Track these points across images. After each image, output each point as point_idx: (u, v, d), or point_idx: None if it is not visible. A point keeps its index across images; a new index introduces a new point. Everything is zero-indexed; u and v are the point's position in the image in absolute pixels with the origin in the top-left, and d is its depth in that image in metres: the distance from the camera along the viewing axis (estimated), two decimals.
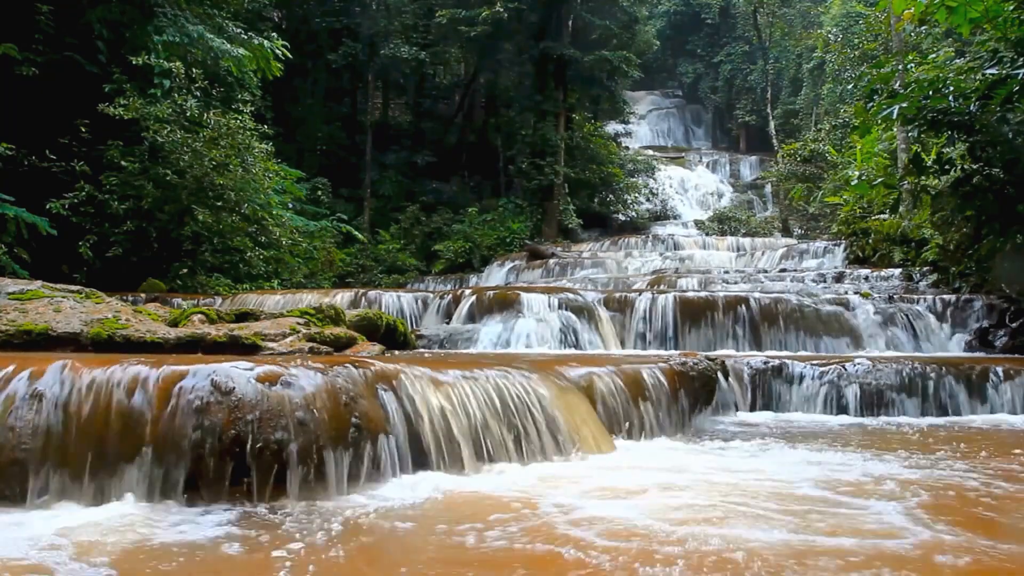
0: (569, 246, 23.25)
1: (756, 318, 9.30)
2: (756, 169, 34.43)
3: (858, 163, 16.49)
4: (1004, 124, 9.13)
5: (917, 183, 11.22)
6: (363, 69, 27.93)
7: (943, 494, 3.59)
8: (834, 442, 5.14)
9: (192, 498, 3.22)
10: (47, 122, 12.18)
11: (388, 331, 7.44)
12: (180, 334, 5.28)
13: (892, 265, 13.15)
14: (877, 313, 9.52)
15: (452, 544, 2.85)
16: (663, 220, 29.33)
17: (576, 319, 9.30)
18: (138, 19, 13.25)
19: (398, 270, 23.48)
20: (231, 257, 13.90)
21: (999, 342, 9.15)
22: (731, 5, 38.68)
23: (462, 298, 9.91)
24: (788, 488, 3.67)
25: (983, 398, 6.55)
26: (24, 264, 10.99)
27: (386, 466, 3.65)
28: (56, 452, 3.18)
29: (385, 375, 3.94)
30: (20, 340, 5.00)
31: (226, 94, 14.38)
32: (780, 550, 2.70)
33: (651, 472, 4.07)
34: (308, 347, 5.57)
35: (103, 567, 2.54)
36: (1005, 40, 8.84)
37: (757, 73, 35.85)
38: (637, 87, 37.96)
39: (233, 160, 13.33)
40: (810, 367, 6.78)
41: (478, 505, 3.36)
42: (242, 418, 3.27)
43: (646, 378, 5.45)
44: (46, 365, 3.38)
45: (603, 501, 3.41)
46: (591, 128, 27.98)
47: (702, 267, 17.08)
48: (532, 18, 26.30)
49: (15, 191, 11.09)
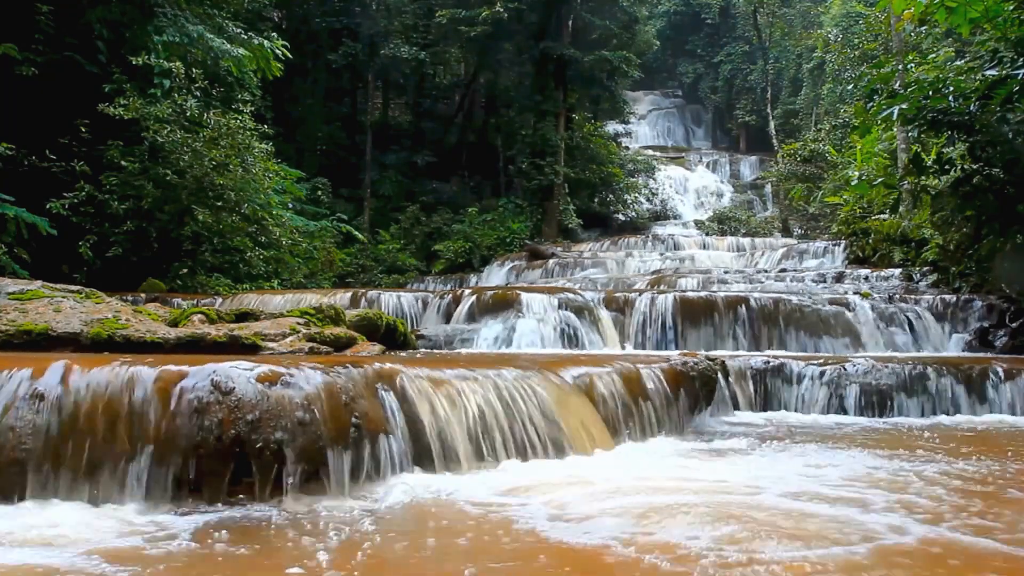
0: (569, 246, 23.25)
1: (756, 318, 9.29)
2: (756, 169, 34.42)
3: (858, 163, 16.50)
4: (1004, 124, 9.13)
5: (917, 183, 11.23)
6: (363, 69, 27.92)
7: (946, 495, 3.59)
8: (834, 442, 5.14)
9: (192, 498, 3.22)
10: (47, 122, 12.17)
11: (388, 331, 7.44)
12: (180, 334, 5.28)
13: (892, 265, 13.14)
14: (877, 313, 9.52)
15: (452, 544, 2.85)
16: (663, 220, 29.32)
17: (576, 319, 9.30)
18: (138, 19, 13.25)
19: (398, 270, 23.48)
20: (231, 257, 13.89)
21: (999, 342, 9.14)
22: (731, 5, 38.67)
23: (462, 298, 9.91)
24: (788, 496, 3.66)
25: (983, 398, 6.55)
26: (24, 264, 10.99)
27: (386, 466, 3.65)
28: (56, 452, 3.17)
29: (385, 375, 3.94)
30: (20, 340, 5.00)
31: (226, 94, 14.37)
32: (779, 559, 2.70)
33: (651, 472, 4.07)
34: (308, 347, 5.57)
35: (103, 567, 2.54)
36: (1005, 40, 8.84)
37: (757, 73, 35.84)
38: (637, 87, 37.95)
39: (233, 160, 13.32)
40: (810, 367, 6.78)
41: (477, 505, 3.36)
42: (242, 418, 3.27)
43: (646, 378, 5.45)
44: (46, 365, 3.38)
45: (602, 502, 3.40)
46: (591, 128, 27.97)
47: (702, 267, 17.07)
48: (532, 18, 26.29)
49: (15, 191, 11.09)
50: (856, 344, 9.15)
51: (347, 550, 2.76)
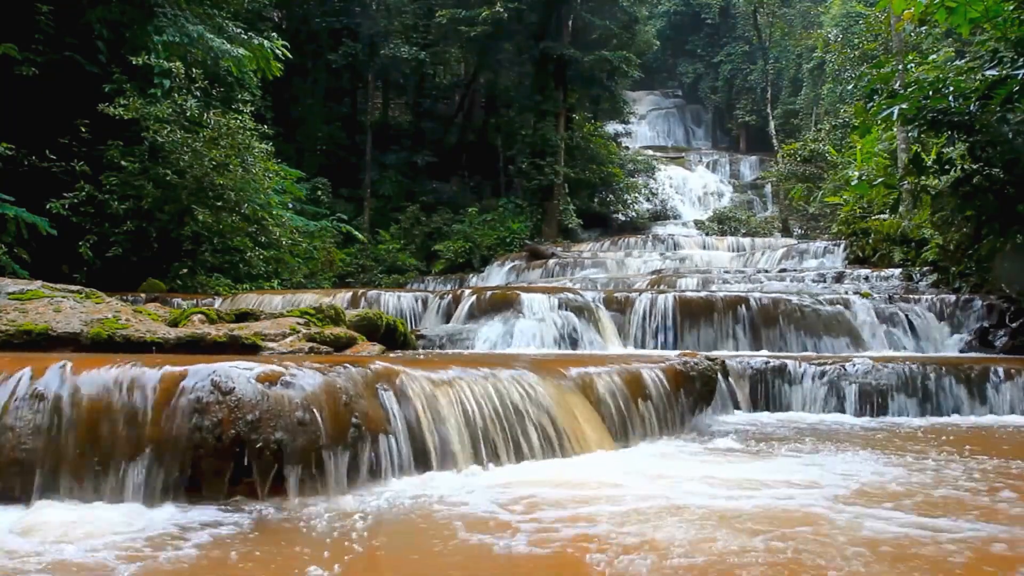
0: (569, 246, 23.25)
1: (756, 318, 9.29)
2: (756, 169, 34.42)
3: (858, 163, 16.49)
4: (1004, 124, 9.12)
5: (917, 183, 11.22)
6: (363, 69, 27.92)
7: (950, 495, 3.59)
8: (834, 442, 5.14)
9: (192, 497, 3.22)
10: (47, 122, 12.17)
11: (388, 331, 7.44)
12: (180, 334, 5.28)
13: (892, 265, 13.14)
14: (877, 313, 9.52)
15: (451, 544, 2.85)
16: (663, 220, 29.32)
17: (576, 319, 9.30)
18: (138, 19, 13.25)
19: (398, 270, 23.49)
20: (231, 257, 13.89)
21: (999, 342, 9.14)
22: (731, 5, 38.67)
23: (462, 298, 9.91)
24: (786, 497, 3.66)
25: (983, 398, 6.55)
26: (24, 264, 10.99)
27: (386, 466, 3.65)
28: (56, 452, 3.18)
29: (385, 375, 3.94)
30: (20, 340, 5.00)
31: (226, 94, 14.37)
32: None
33: (650, 472, 4.07)
34: (308, 347, 5.57)
35: (103, 566, 2.54)
36: (1005, 40, 8.84)
37: (757, 73, 35.84)
38: (637, 87, 37.93)
39: (233, 160, 13.33)
40: (810, 367, 6.78)
41: (477, 505, 3.36)
42: (242, 418, 3.27)
43: (646, 378, 5.45)
44: (46, 365, 3.38)
45: (602, 503, 3.41)
46: (591, 128, 27.97)
47: (702, 267, 17.07)
48: (532, 18, 26.29)
49: (15, 191, 11.09)
50: (856, 344, 9.15)
51: (347, 550, 2.76)
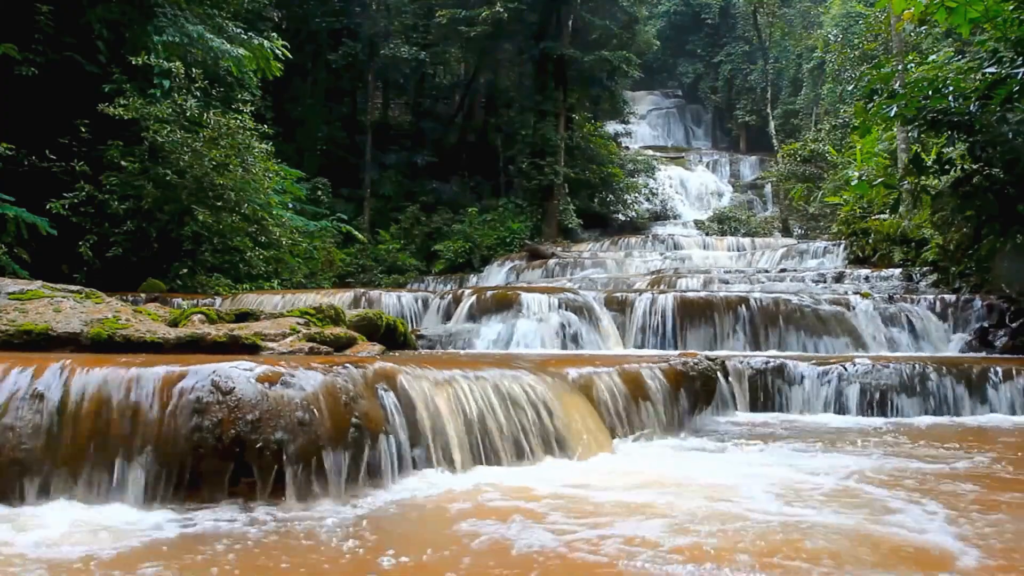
0: (569, 246, 23.24)
1: (756, 318, 9.29)
2: (756, 169, 34.40)
3: (858, 163, 16.49)
4: (1004, 124, 9.11)
5: (917, 183, 11.21)
6: (363, 69, 27.91)
7: (953, 495, 3.59)
8: (834, 443, 5.14)
9: (192, 498, 3.21)
10: (47, 122, 12.17)
11: (388, 331, 7.44)
12: (180, 334, 5.28)
13: (892, 265, 13.14)
14: (877, 313, 9.52)
15: (452, 543, 2.85)
16: (663, 220, 29.30)
17: (576, 319, 9.30)
18: (138, 19, 13.24)
19: (398, 270, 23.48)
20: (231, 257, 13.88)
21: (999, 342, 9.14)
22: (731, 5, 38.67)
23: (462, 298, 9.91)
24: (784, 498, 3.66)
25: (983, 398, 6.55)
26: (24, 264, 10.98)
27: (386, 466, 3.65)
28: (56, 452, 3.17)
29: (385, 375, 3.93)
30: (20, 340, 4.99)
31: (226, 94, 14.37)
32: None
33: (649, 472, 4.07)
34: (308, 347, 5.57)
35: (102, 566, 2.54)
36: (1005, 40, 8.83)
37: (757, 73, 35.83)
38: (637, 87, 37.90)
39: (233, 160, 13.32)
40: (810, 367, 6.78)
41: (476, 505, 3.36)
42: (242, 418, 3.27)
43: (646, 378, 5.45)
44: (46, 365, 3.38)
45: (602, 503, 3.40)
46: (591, 128, 27.95)
47: (702, 267, 17.07)
48: (532, 18, 26.28)
49: (15, 191, 11.08)
50: (856, 344, 9.15)
51: (347, 550, 2.76)
